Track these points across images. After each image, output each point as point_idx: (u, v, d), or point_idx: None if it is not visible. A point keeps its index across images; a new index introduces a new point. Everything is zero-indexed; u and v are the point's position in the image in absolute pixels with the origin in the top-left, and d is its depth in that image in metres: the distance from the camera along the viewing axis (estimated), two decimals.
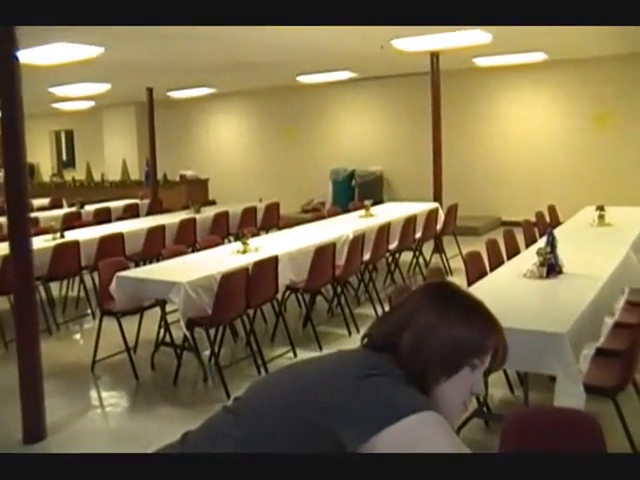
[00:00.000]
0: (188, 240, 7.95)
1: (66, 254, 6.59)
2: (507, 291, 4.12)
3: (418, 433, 1.21)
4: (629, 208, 7.24)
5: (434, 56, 9.20)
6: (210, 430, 1.38)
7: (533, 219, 7.26)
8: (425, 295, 1.46)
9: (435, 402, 1.32)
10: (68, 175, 16.80)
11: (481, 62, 10.22)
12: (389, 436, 1.20)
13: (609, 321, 3.95)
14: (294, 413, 1.28)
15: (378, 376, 1.28)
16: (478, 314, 1.41)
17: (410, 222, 7.56)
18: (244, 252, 5.64)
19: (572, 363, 3.10)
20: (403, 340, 1.36)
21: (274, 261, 5.26)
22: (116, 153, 15.84)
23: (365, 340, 1.46)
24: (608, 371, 3.40)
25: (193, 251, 6.81)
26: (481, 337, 1.36)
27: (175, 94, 13.29)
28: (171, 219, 8.53)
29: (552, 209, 8.00)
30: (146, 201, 11.65)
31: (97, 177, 15.07)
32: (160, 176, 13.08)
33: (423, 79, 9.74)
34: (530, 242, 6.06)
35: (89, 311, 6.88)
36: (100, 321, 5.34)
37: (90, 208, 10.42)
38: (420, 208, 8.35)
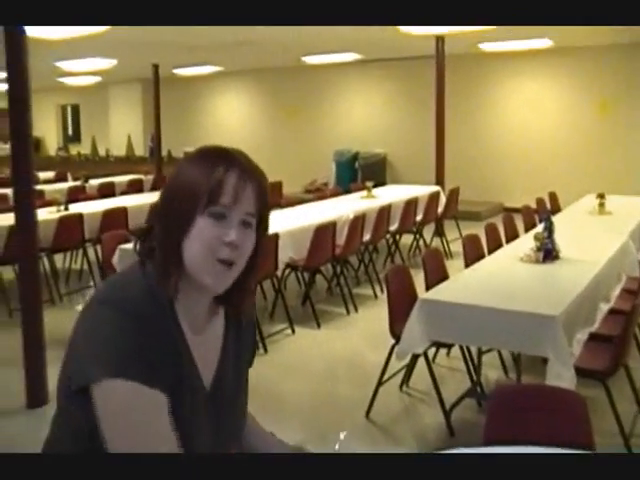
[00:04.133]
0: None
1: (70, 226, 6.64)
2: (503, 274, 4.17)
3: (120, 401, 1.15)
4: (630, 197, 7.27)
5: (439, 40, 9.18)
6: None
7: (534, 206, 7.30)
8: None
9: (186, 270, 1.23)
10: (73, 149, 16.89)
11: (486, 47, 10.21)
12: (102, 390, 1.15)
13: (604, 307, 4.01)
14: None
15: (116, 312, 1.18)
16: (211, 155, 1.33)
17: (411, 205, 7.60)
18: None
19: (564, 346, 3.15)
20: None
21: (274, 238, 5.31)
22: (121, 129, 15.85)
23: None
24: (600, 355, 3.45)
25: None
26: (208, 174, 1.26)
27: (181, 71, 13.27)
28: None
29: (553, 196, 8.04)
30: (150, 177, 11.67)
31: (102, 152, 15.11)
32: (164, 153, 13.11)
33: (428, 62, 9.72)
34: (529, 227, 6.10)
35: (92, 283, 6.96)
36: None
37: (94, 182, 10.46)
38: (422, 191, 8.38)
